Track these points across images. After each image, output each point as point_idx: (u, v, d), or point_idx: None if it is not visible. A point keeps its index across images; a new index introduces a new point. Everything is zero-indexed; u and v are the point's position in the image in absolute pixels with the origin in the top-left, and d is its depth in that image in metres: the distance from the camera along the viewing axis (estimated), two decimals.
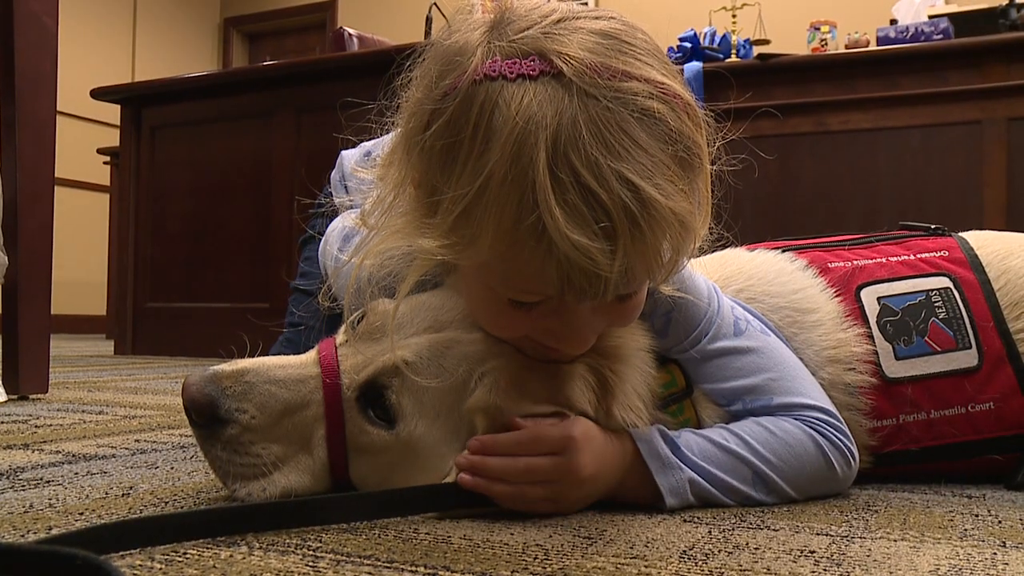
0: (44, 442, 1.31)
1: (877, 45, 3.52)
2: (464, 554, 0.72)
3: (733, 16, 5.01)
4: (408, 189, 0.86)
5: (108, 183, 6.15)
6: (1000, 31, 3.32)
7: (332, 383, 0.87)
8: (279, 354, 0.99)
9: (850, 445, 0.97)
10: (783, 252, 1.17)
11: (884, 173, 3.04)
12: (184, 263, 3.92)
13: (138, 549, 0.71)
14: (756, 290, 1.10)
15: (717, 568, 0.69)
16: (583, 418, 0.86)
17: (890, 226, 1.28)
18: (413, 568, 0.67)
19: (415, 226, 0.83)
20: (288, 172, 3.67)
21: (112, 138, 5.35)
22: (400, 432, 0.87)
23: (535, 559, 0.70)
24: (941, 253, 1.14)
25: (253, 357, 0.92)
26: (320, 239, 1.22)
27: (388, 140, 0.93)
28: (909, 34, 3.42)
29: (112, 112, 4.47)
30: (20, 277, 1.93)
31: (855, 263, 1.13)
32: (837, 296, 1.10)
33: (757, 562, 0.71)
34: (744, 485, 0.92)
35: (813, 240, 1.22)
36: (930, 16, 3.60)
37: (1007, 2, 3.48)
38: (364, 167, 1.20)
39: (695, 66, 3.31)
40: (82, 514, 0.84)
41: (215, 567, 0.67)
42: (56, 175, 2.05)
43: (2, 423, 1.52)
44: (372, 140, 1.23)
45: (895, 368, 1.05)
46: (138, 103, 4.04)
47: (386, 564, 0.68)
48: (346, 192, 1.27)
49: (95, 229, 6.70)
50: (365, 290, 0.91)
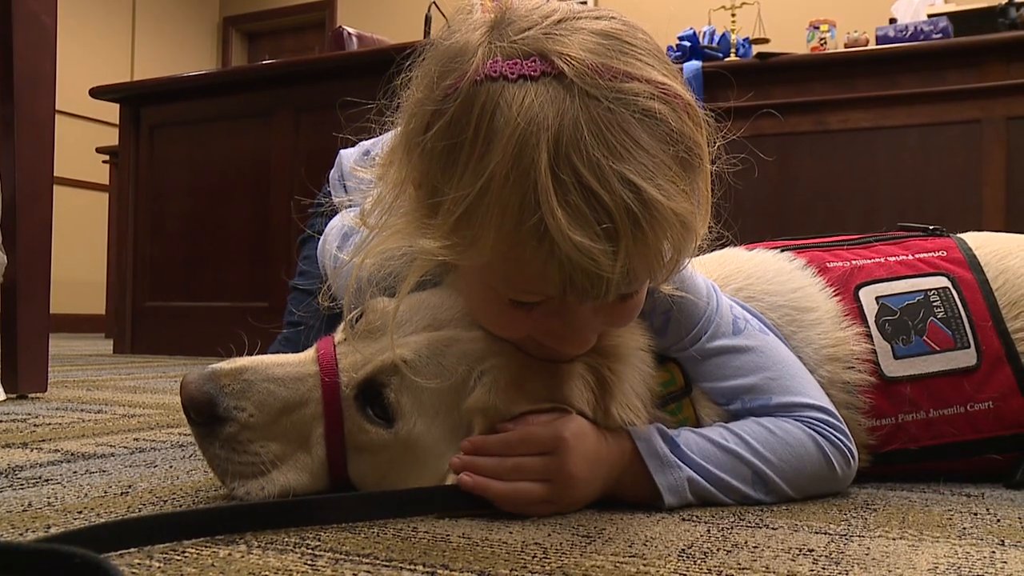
0: (43, 441, 1.31)
1: (876, 44, 3.52)
2: (463, 552, 0.72)
3: (732, 15, 5.01)
4: (408, 189, 0.86)
5: (107, 182, 6.16)
6: (999, 30, 3.32)
7: (331, 381, 0.87)
8: (278, 353, 0.99)
9: (849, 444, 0.97)
10: (782, 251, 1.17)
11: (883, 172, 3.04)
12: (183, 262, 3.92)
13: (137, 548, 0.71)
14: (755, 289, 1.10)
15: (716, 566, 0.69)
16: (578, 417, 0.86)
17: (889, 225, 1.28)
18: (412, 567, 0.67)
19: (416, 226, 0.83)
20: (287, 171, 3.66)
21: (111, 137, 5.35)
22: (399, 430, 0.87)
23: (534, 557, 0.70)
24: (939, 253, 1.14)
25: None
26: (319, 238, 1.22)
27: (387, 139, 0.93)
28: (908, 33, 3.42)
29: (111, 111, 4.47)
30: (19, 276, 1.93)
31: (854, 263, 1.13)
32: (836, 295, 1.10)
33: (756, 560, 0.71)
34: (743, 484, 0.92)
35: (812, 240, 1.22)
36: (929, 15, 3.60)
37: (1006, 1, 3.48)
38: (363, 166, 1.20)
39: (694, 65, 3.31)
40: (81, 513, 0.84)
41: (214, 566, 0.67)
42: (55, 174, 2.05)
43: (1, 422, 1.52)
44: (371, 139, 1.23)
45: (894, 367, 1.05)
46: (137, 102, 4.04)
47: (385, 563, 0.68)
48: (345, 191, 1.27)
49: (94, 228, 6.70)
50: (365, 290, 0.91)
